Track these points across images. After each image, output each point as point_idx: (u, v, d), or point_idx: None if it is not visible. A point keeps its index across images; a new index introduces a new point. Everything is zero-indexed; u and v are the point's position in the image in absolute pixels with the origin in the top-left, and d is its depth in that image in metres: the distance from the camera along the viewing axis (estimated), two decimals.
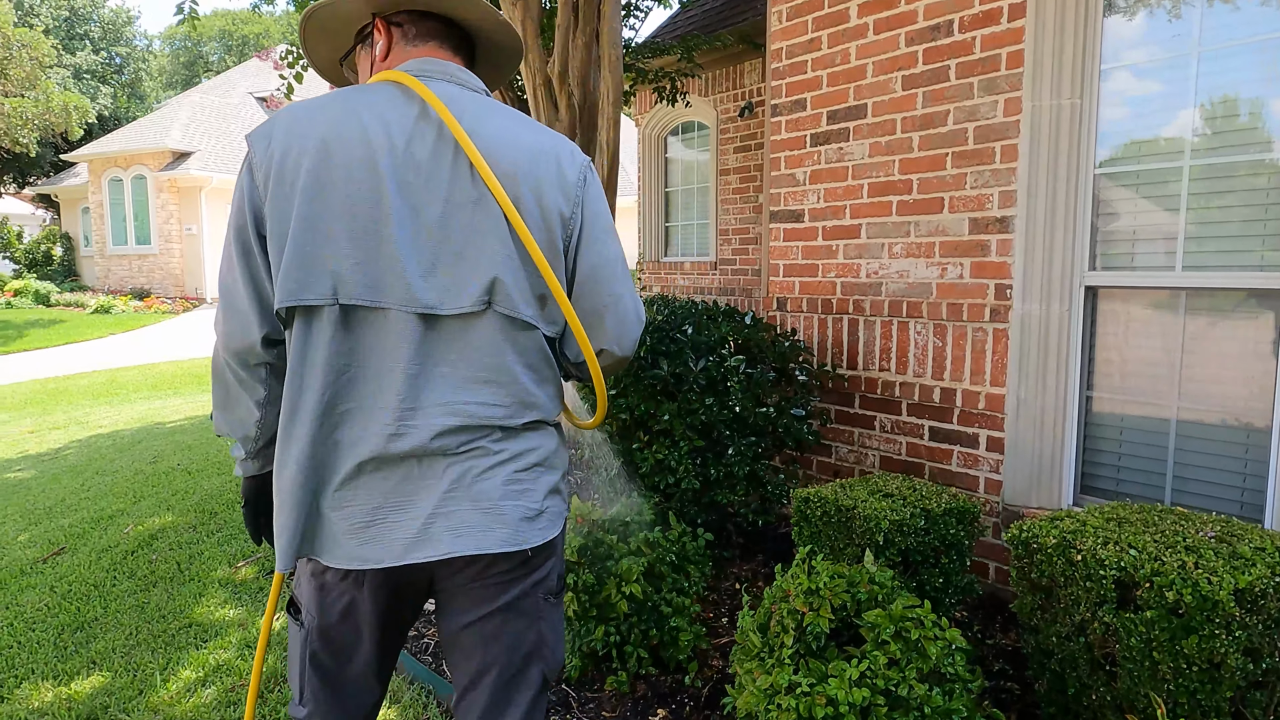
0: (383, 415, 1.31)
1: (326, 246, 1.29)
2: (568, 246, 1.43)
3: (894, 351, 3.51)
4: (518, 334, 1.37)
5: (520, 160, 1.37)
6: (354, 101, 1.34)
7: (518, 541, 1.35)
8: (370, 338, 1.31)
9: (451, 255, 1.32)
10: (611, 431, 3.17)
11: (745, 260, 7.07)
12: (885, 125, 3.49)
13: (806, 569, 2.15)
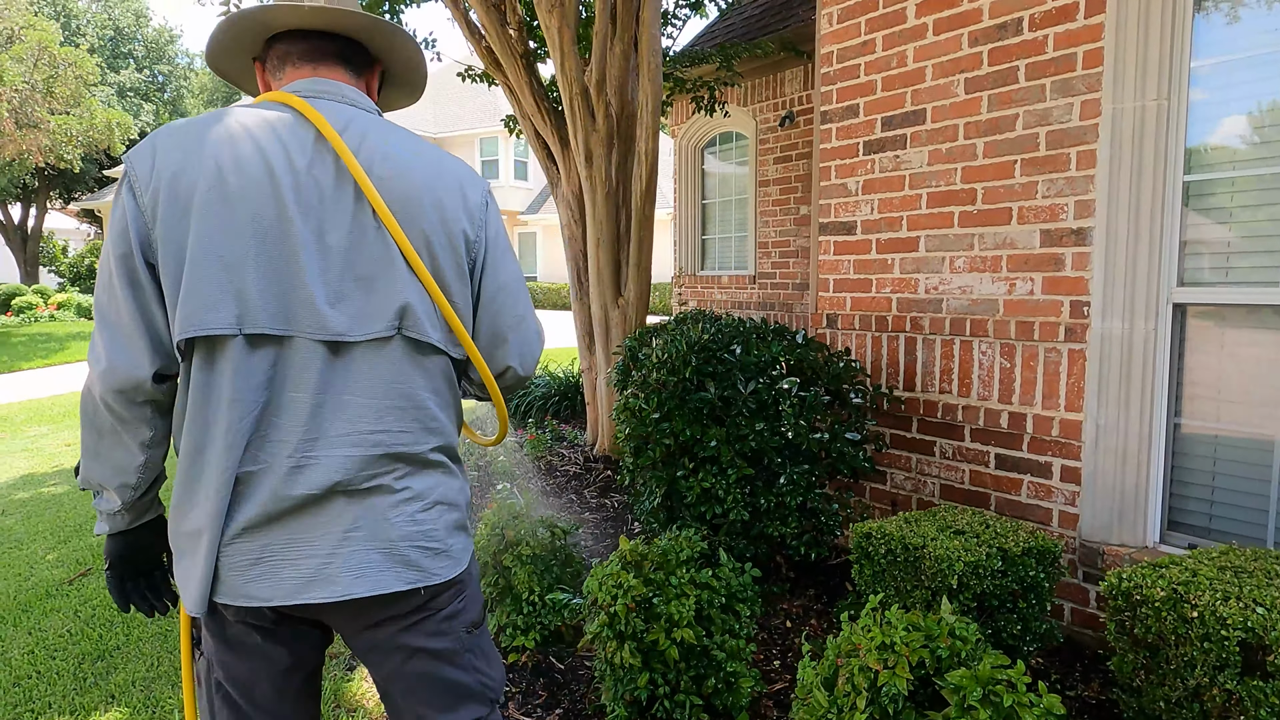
0: (285, 448, 1.25)
1: (229, 273, 1.22)
2: (473, 269, 1.41)
3: (956, 372, 3.27)
4: (425, 358, 1.35)
5: (422, 183, 1.34)
6: (245, 121, 1.28)
7: (419, 580, 1.32)
8: (277, 368, 1.26)
9: (360, 280, 1.28)
10: (655, 458, 2.98)
11: (785, 274, 6.85)
12: (946, 131, 3.27)
13: (879, 620, 1.93)
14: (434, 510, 1.35)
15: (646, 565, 2.48)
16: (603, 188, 5.02)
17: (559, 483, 4.96)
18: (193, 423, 1.25)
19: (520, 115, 5.62)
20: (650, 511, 3.07)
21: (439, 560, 1.35)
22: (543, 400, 7.11)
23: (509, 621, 2.95)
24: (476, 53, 5.56)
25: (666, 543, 2.56)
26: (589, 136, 4.96)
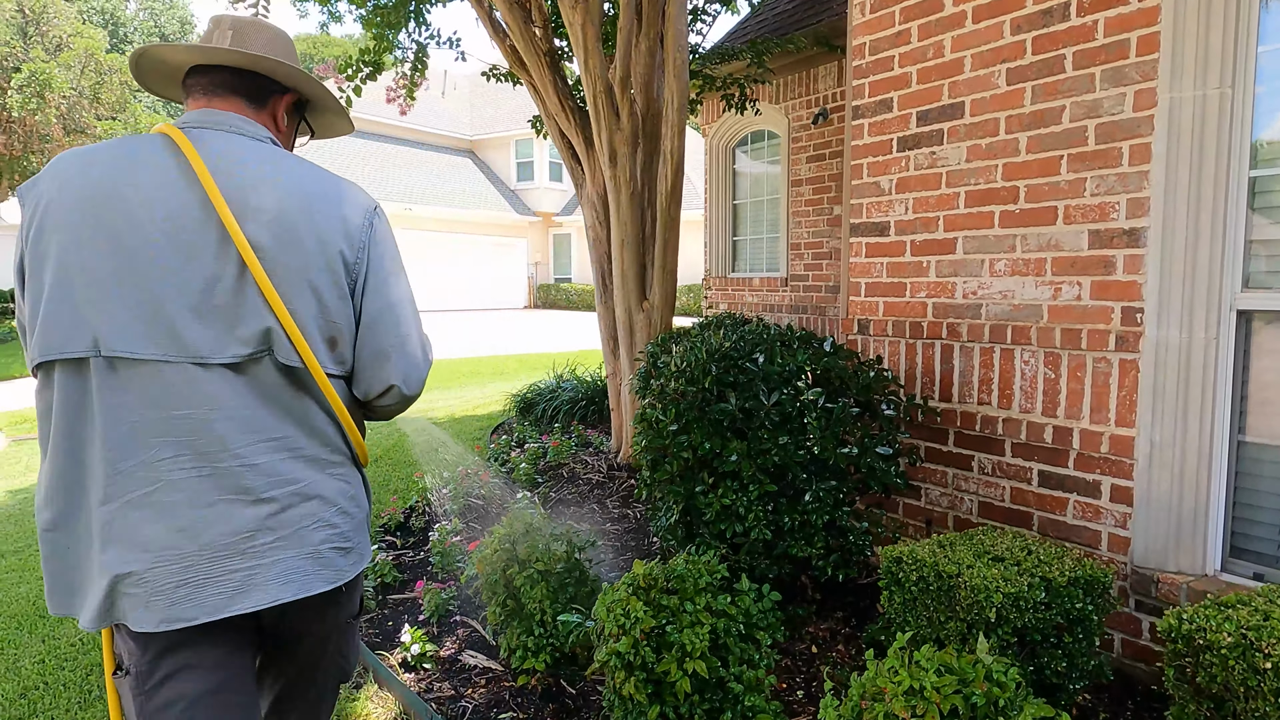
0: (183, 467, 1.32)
1: (87, 298, 1.29)
2: (354, 290, 1.45)
3: (996, 383, 3.07)
4: (302, 378, 1.41)
5: (299, 209, 1.39)
6: (126, 150, 1.37)
7: (336, 580, 1.45)
8: (150, 390, 1.30)
9: (221, 306, 1.33)
10: (673, 472, 2.82)
11: (818, 276, 6.64)
12: (986, 125, 3.07)
13: (907, 661, 1.76)
14: (339, 513, 1.46)
15: (656, 591, 2.33)
16: (627, 188, 4.87)
17: (581, 491, 4.83)
18: (70, 447, 1.32)
19: (545, 115, 5.50)
20: (668, 528, 2.92)
21: (348, 558, 1.49)
22: (569, 405, 6.99)
23: (519, 643, 2.82)
24: (500, 51, 5.46)
25: (683, 566, 2.40)
26: (613, 135, 4.83)
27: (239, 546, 1.34)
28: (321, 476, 1.45)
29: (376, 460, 6.43)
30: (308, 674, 1.66)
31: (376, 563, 3.72)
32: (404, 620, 3.37)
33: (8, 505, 6.60)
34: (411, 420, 7.82)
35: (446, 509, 4.67)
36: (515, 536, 2.97)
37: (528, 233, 29.56)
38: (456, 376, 13.16)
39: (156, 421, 1.31)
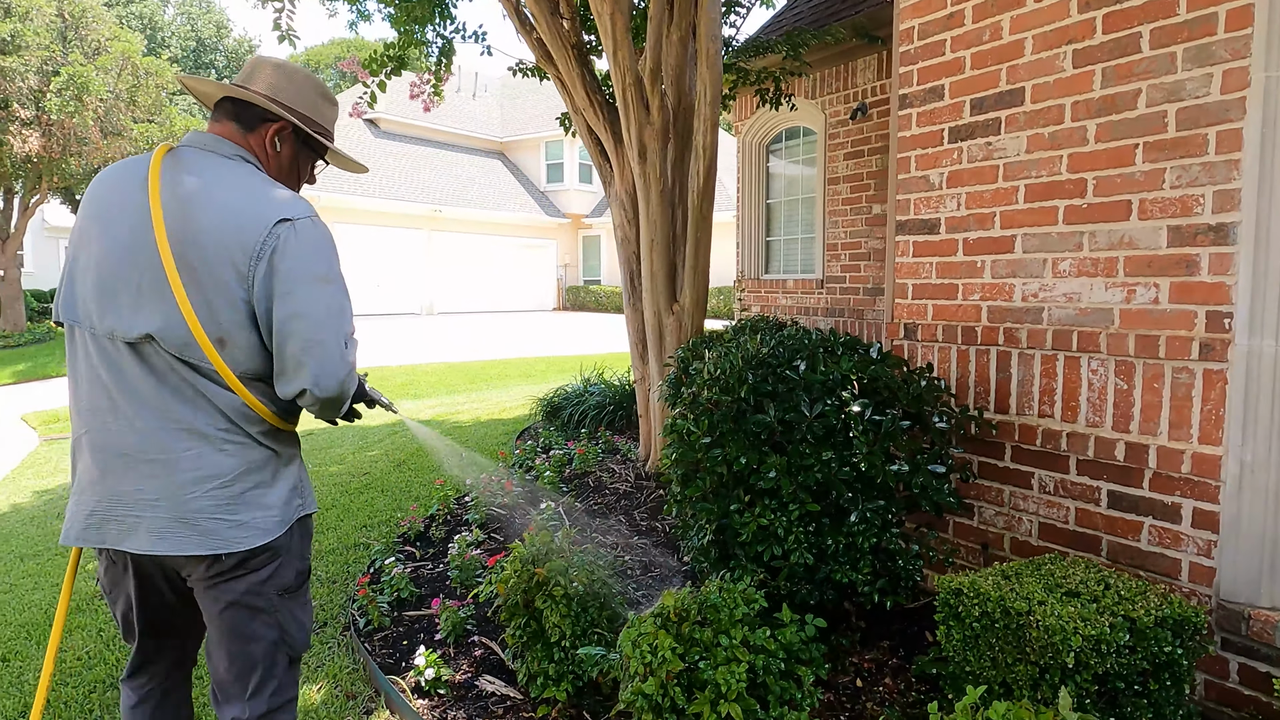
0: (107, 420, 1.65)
1: (80, 279, 1.68)
2: (255, 297, 1.62)
3: (1059, 394, 2.81)
4: (199, 366, 1.63)
5: (209, 223, 1.61)
6: (126, 167, 1.71)
7: (215, 548, 1.64)
8: (93, 354, 1.66)
9: (145, 295, 1.61)
10: (705, 489, 2.61)
11: (856, 278, 6.38)
12: (1049, 113, 2.81)
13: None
14: (233, 486, 1.66)
15: (688, 625, 2.11)
16: (657, 185, 4.67)
17: (607, 501, 4.63)
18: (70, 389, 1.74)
19: (572, 110, 5.32)
20: (699, 549, 2.70)
21: (240, 531, 1.66)
22: (596, 410, 6.79)
23: (539, 670, 2.62)
24: (527, 44, 5.28)
25: (717, 595, 2.19)
26: (643, 130, 4.62)
27: (132, 496, 1.64)
28: (212, 451, 1.65)
29: (399, 465, 6.29)
30: (230, 640, 1.76)
31: (393, 576, 3.54)
32: (419, 639, 3.19)
33: (33, 507, 6.56)
34: (424, 427, 7.68)
35: (468, 518, 4.50)
36: (536, 556, 2.78)
37: (557, 235, 29.49)
38: (483, 379, 13.05)
39: (94, 379, 1.66)
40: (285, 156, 1.87)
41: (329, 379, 1.64)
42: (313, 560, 4.22)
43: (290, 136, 1.86)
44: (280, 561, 1.75)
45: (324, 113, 1.94)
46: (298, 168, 1.92)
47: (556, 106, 29.01)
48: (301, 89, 1.87)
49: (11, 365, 15.65)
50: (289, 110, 1.83)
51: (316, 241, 1.67)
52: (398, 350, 16.56)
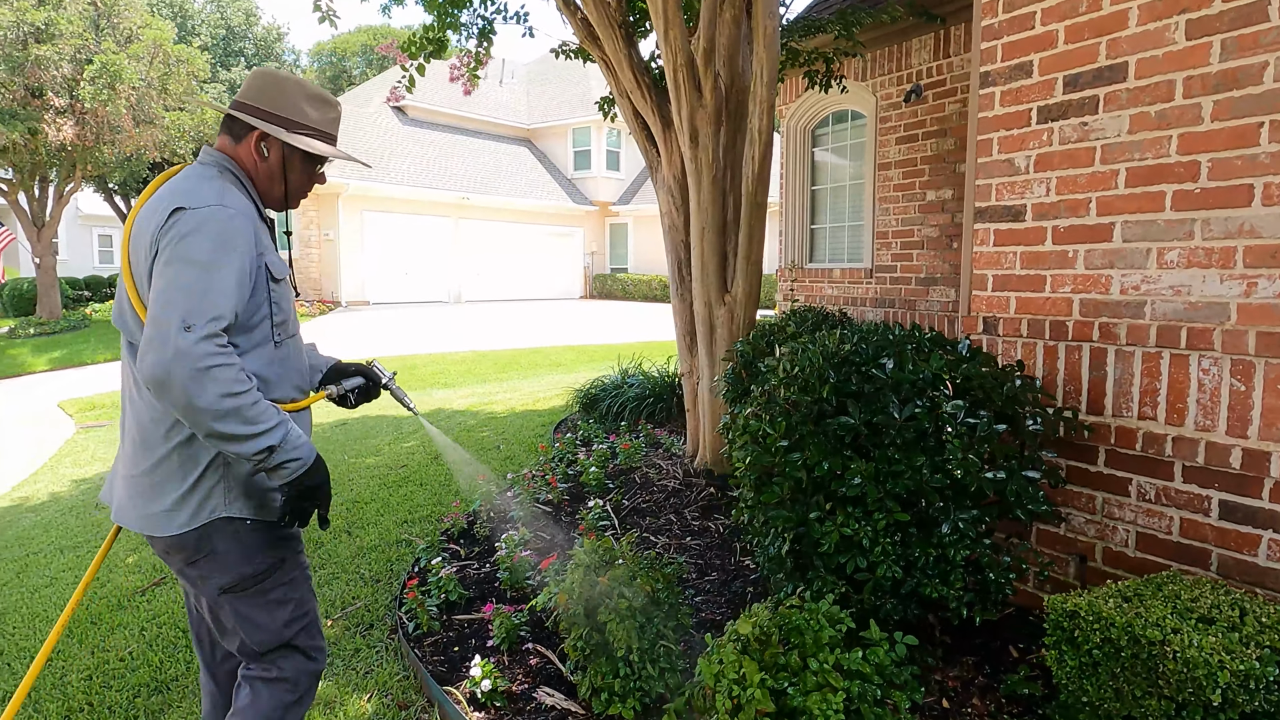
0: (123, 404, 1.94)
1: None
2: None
3: (1163, 394, 2.59)
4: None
5: (141, 216, 1.77)
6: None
7: (146, 528, 1.80)
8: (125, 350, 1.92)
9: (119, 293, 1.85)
10: (782, 495, 2.43)
11: (908, 267, 6.15)
12: (1156, 89, 2.59)
13: None
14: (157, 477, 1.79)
15: (771, 652, 1.94)
16: (709, 171, 4.47)
17: (656, 499, 4.47)
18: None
19: (617, 93, 5.13)
20: (774, 559, 2.52)
21: (158, 519, 1.79)
22: (635, 402, 6.63)
23: (603, 685, 2.47)
24: (571, 25, 5.10)
25: (800, 617, 2.01)
26: (695, 113, 4.43)
27: (117, 471, 1.91)
28: (143, 440, 1.81)
29: (436, 458, 6.18)
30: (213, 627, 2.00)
31: (440, 578, 3.41)
32: (470, 645, 3.06)
33: (72, 496, 6.54)
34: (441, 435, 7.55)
35: (512, 515, 4.36)
36: (597, 563, 2.62)
37: (584, 222, 29.31)
38: (514, 368, 12.95)
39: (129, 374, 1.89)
40: (273, 162, 1.94)
41: (150, 360, 1.58)
42: (356, 557, 4.13)
43: (276, 142, 1.92)
44: (209, 559, 1.83)
45: (312, 115, 1.97)
46: (285, 171, 1.95)
47: (584, 93, 28.77)
48: (284, 95, 1.93)
49: (48, 352, 15.81)
50: (266, 117, 1.90)
51: (201, 226, 1.67)
52: (427, 339, 16.51)
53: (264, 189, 1.95)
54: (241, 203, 1.80)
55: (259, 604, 1.89)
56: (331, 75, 45.38)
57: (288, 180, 1.96)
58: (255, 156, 1.91)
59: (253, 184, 1.93)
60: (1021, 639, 2.84)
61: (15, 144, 15.92)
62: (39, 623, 3.71)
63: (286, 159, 1.94)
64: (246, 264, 1.72)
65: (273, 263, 1.84)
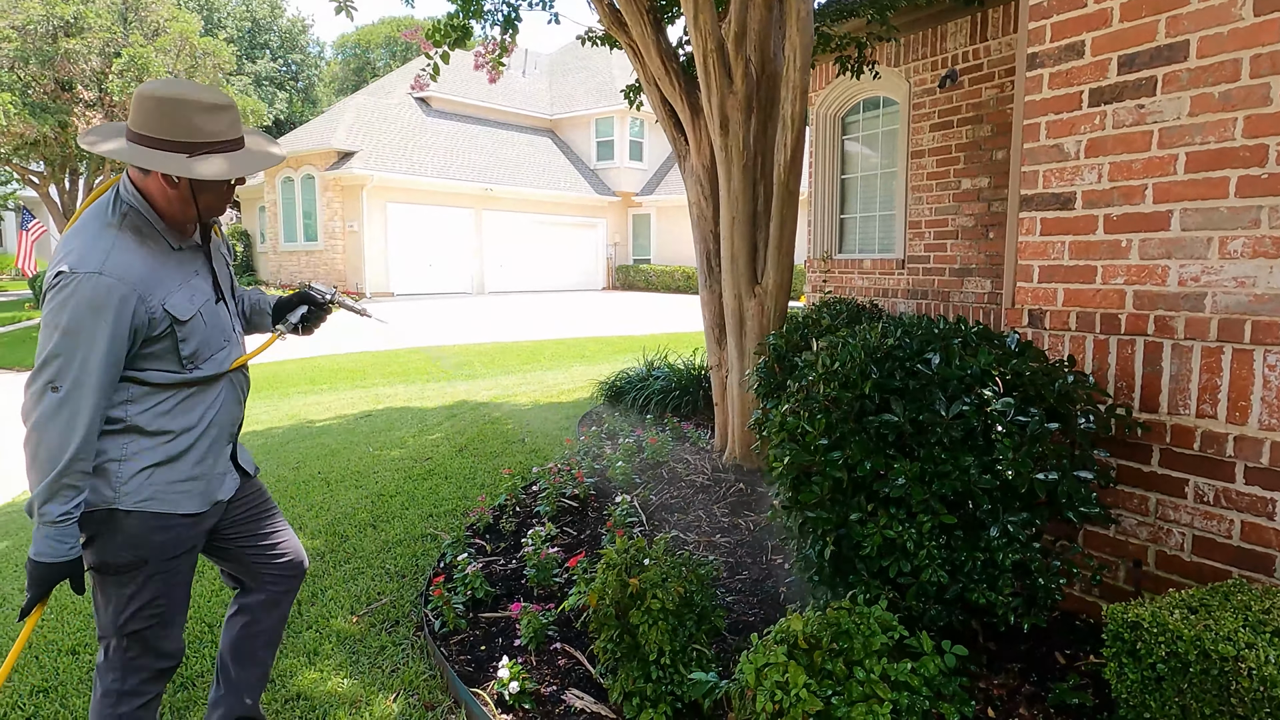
0: None
1: None
2: None
3: (1225, 391, 2.46)
4: None
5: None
6: None
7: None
8: None
9: None
10: (822, 496, 2.34)
11: (942, 258, 6.00)
12: (1221, 69, 2.45)
13: None
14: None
15: (819, 655, 1.85)
16: (740, 159, 4.36)
17: (684, 495, 4.38)
18: None
19: (645, 80, 5.02)
20: (813, 561, 2.43)
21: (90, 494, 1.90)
22: (661, 395, 6.55)
23: (635, 689, 2.39)
24: (598, 11, 5.00)
25: (848, 620, 1.92)
26: (725, 100, 4.32)
27: None
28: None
29: (460, 451, 6.14)
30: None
31: (466, 575, 3.36)
32: (497, 644, 3.00)
33: None
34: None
35: (538, 510, 4.30)
36: (629, 564, 2.55)
37: (607, 213, 29.21)
38: (538, 359, 12.91)
39: None
40: (183, 187, 1.89)
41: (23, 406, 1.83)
42: (381, 552, 4.09)
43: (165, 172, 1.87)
44: (94, 537, 1.94)
45: (208, 128, 1.88)
46: (194, 194, 1.92)
47: (606, 83, 28.63)
48: (175, 116, 1.84)
49: None
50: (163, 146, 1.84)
51: (63, 294, 1.78)
52: (451, 330, 16.53)
53: (179, 215, 1.95)
54: (121, 259, 1.83)
55: (113, 594, 2.01)
56: (355, 67, 45.59)
57: (198, 203, 1.94)
58: (165, 186, 1.89)
59: (162, 218, 1.94)
60: (1069, 645, 2.73)
61: (46, 137, 16.12)
62: (66, 614, 3.70)
63: (194, 183, 1.90)
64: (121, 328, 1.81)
65: (174, 305, 1.90)
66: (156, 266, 1.89)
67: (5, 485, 7.18)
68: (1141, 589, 2.71)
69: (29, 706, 2.90)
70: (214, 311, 2.04)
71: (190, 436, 1.99)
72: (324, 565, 3.97)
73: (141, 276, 1.84)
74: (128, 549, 1.94)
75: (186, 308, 1.93)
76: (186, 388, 1.99)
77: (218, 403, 2.06)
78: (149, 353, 1.90)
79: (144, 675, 2.05)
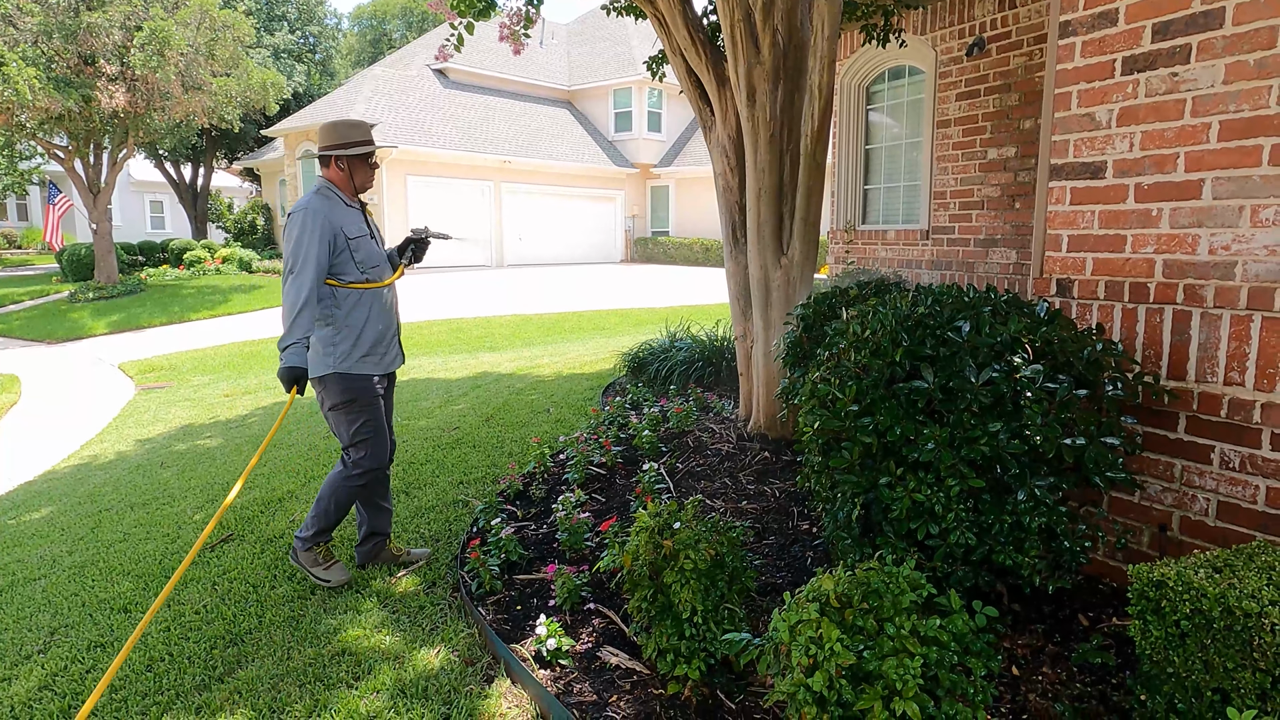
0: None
1: None
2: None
3: (1253, 359, 2.49)
4: None
5: None
6: None
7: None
8: None
9: None
10: (851, 460, 2.40)
11: (967, 228, 5.98)
12: (1256, 36, 2.44)
13: None
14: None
15: (851, 613, 1.92)
16: (766, 130, 4.37)
17: (710, 464, 4.46)
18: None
19: (670, 50, 5.02)
20: (842, 524, 2.50)
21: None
22: (684, 365, 6.60)
23: (669, 646, 2.49)
24: None
25: (879, 579, 1.99)
26: (751, 70, 4.32)
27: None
28: None
29: (487, 420, 6.24)
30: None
31: (501, 538, 3.46)
32: (533, 604, 3.10)
33: (136, 455, 6.75)
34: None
35: (567, 477, 4.39)
36: (661, 526, 2.62)
37: (625, 185, 29.10)
38: (559, 331, 12.99)
39: None
40: (345, 170, 3.39)
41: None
42: (415, 517, 4.21)
43: (339, 160, 3.36)
44: (325, 389, 3.37)
45: (352, 136, 3.36)
46: (351, 173, 3.39)
47: (624, 54, 28.37)
48: (335, 131, 3.36)
49: (107, 316, 16.27)
50: (329, 148, 3.35)
51: (292, 221, 3.24)
52: (472, 302, 16.63)
53: (345, 187, 3.41)
54: (320, 202, 3.27)
55: (341, 417, 3.39)
56: (372, 39, 45.36)
57: (354, 178, 3.40)
58: (336, 171, 3.38)
59: (338, 187, 3.39)
60: (1091, 608, 2.79)
61: (70, 111, 16.24)
62: (116, 575, 3.85)
63: (351, 167, 3.38)
64: (322, 235, 3.20)
65: (347, 229, 3.31)
66: (336, 209, 3.30)
67: (45, 455, 7.39)
68: (1165, 554, 2.76)
69: (87, 660, 3.05)
70: (369, 243, 3.40)
71: (368, 328, 3.34)
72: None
73: (327, 211, 3.25)
74: (342, 393, 3.32)
75: (355, 230, 3.34)
76: (360, 290, 3.32)
77: (379, 305, 3.39)
78: (337, 262, 3.25)
79: (363, 469, 3.39)
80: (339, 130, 3.32)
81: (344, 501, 3.40)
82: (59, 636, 3.27)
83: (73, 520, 5.00)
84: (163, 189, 35.26)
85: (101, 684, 2.21)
